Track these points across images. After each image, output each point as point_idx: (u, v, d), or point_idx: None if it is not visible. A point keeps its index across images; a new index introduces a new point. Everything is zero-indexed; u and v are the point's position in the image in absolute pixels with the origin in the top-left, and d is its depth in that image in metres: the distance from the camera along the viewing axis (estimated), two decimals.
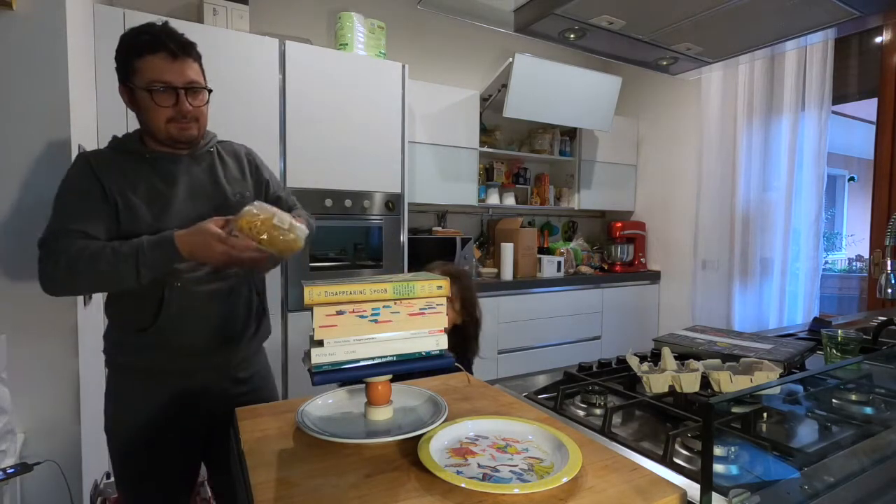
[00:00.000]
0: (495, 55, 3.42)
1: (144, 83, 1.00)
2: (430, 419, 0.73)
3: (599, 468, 0.63)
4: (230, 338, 1.16)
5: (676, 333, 1.27)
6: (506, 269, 3.06)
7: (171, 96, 1.01)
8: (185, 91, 1.03)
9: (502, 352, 2.92)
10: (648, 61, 1.53)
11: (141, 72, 1.00)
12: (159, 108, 1.01)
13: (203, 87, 1.07)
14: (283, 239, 0.99)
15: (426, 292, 0.72)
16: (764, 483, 0.65)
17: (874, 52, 2.53)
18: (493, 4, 1.27)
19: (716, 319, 3.07)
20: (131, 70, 1.01)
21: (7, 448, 1.16)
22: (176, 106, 1.02)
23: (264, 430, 0.75)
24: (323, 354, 0.68)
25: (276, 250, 1.00)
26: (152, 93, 1.00)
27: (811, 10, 1.21)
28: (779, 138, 2.80)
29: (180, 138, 1.06)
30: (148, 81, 1.00)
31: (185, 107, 1.03)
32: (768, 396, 0.86)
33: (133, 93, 1.03)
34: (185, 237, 0.96)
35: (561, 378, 1.07)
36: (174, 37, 1.02)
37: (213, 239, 0.95)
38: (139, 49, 1.00)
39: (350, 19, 2.46)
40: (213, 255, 0.96)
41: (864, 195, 3.02)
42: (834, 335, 1.14)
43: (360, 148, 2.39)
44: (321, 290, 0.68)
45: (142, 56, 1.00)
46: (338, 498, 0.56)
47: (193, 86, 1.04)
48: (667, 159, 3.55)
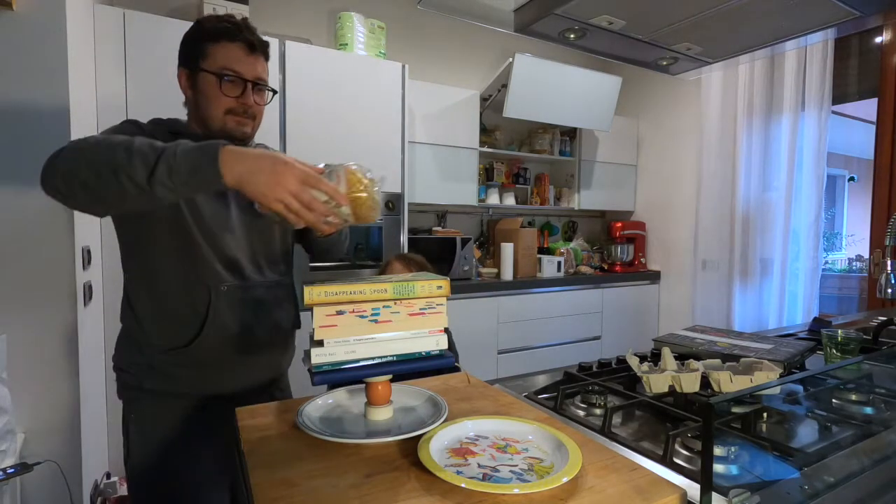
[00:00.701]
0: (495, 55, 3.42)
1: (216, 68, 0.97)
2: (430, 419, 0.73)
3: (599, 468, 0.63)
4: (275, 353, 1.08)
5: (676, 333, 1.27)
6: (506, 269, 3.06)
7: (238, 87, 0.99)
8: (252, 85, 1.00)
9: (502, 352, 2.92)
10: (648, 61, 1.54)
11: (213, 56, 0.97)
12: (223, 97, 0.97)
13: (269, 87, 1.05)
14: (371, 207, 0.84)
15: (426, 292, 0.72)
16: (764, 483, 0.65)
17: (874, 52, 2.53)
18: (493, 4, 1.27)
19: (716, 319, 3.07)
20: (202, 53, 0.97)
21: (7, 448, 1.16)
22: (240, 98, 0.99)
23: (264, 430, 0.75)
24: (323, 354, 0.68)
25: (356, 215, 0.83)
26: (221, 80, 0.97)
27: (811, 10, 1.21)
28: (779, 138, 2.80)
29: (234, 133, 1.00)
30: (219, 67, 0.97)
31: (249, 100, 1.00)
32: (768, 396, 0.86)
33: (196, 77, 0.98)
34: (240, 154, 0.74)
35: (561, 378, 1.07)
36: (253, 31, 1.01)
37: (294, 170, 0.75)
38: (217, 34, 0.97)
39: (350, 19, 2.46)
40: (277, 188, 0.73)
41: (864, 195, 3.02)
42: (834, 335, 1.14)
43: (360, 148, 2.39)
44: (321, 289, 0.68)
45: (218, 41, 0.97)
46: (338, 498, 0.56)
47: (261, 83, 1.02)
48: (667, 159, 3.55)
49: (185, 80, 1.01)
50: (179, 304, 0.97)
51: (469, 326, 2.78)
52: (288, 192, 0.74)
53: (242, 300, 1.01)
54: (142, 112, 1.92)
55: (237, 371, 1.04)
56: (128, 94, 1.88)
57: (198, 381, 1.00)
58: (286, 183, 0.74)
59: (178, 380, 0.99)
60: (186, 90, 1.01)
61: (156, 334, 0.98)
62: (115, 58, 1.85)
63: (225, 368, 1.02)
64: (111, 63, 1.85)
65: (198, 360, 0.98)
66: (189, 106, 1.03)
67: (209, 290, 0.97)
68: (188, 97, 1.02)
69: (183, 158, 0.73)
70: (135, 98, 1.89)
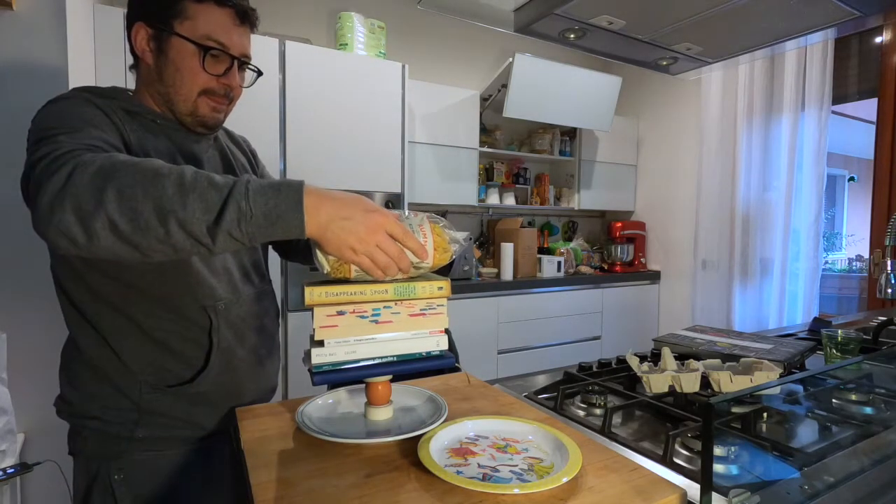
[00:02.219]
0: (495, 55, 3.42)
1: (197, 36, 0.77)
2: (430, 419, 0.73)
3: (599, 468, 0.63)
4: (274, 367, 0.97)
5: (676, 333, 1.27)
6: (506, 269, 3.06)
7: (223, 64, 0.81)
8: (238, 63, 0.83)
9: (502, 352, 2.92)
10: (648, 61, 1.54)
11: (195, 20, 0.77)
12: (202, 74, 0.79)
13: (255, 67, 0.87)
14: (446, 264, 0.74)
15: (427, 293, 0.71)
16: (764, 483, 0.65)
17: (874, 52, 2.53)
18: (493, 4, 1.27)
19: (716, 319, 3.07)
20: (180, 12, 0.77)
21: (7, 448, 1.16)
22: (222, 78, 0.81)
23: (264, 430, 0.75)
24: (323, 354, 0.68)
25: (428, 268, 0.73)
26: (205, 53, 0.78)
27: (811, 10, 1.21)
28: (779, 138, 2.80)
29: (206, 119, 0.83)
30: (202, 36, 0.77)
31: (235, 81, 0.83)
32: (768, 396, 0.86)
33: (165, 41, 0.78)
34: (325, 197, 0.61)
35: (561, 378, 1.07)
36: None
37: (387, 220, 0.63)
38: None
39: (350, 19, 2.46)
40: (369, 240, 0.61)
41: (864, 195, 3.02)
42: (834, 335, 1.14)
43: (361, 148, 2.39)
44: (321, 290, 0.67)
45: (203, 2, 0.77)
46: (338, 498, 0.56)
47: (248, 61, 0.85)
48: (667, 159, 3.55)
49: (146, 42, 0.79)
50: (173, 331, 0.80)
51: (469, 326, 2.78)
52: (377, 245, 0.62)
53: (240, 317, 0.87)
54: None
55: (245, 395, 0.90)
56: None
57: (203, 418, 0.84)
58: (378, 234, 0.62)
59: (176, 421, 0.82)
60: (145, 53, 0.79)
61: (144, 369, 0.80)
62: (115, 58, 1.85)
63: (232, 399, 0.87)
64: (111, 63, 1.85)
65: (203, 396, 0.83)
66: (144, 74, 0.81)
67: (207, 313, 0.81)
68: (146, 63, 0.80)
69: (258, 201, 0.57)
70: None
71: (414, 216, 0.72)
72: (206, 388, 0.83)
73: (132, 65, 0.84)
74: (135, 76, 0.84)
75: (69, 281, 0.79)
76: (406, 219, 0.70)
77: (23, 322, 1.31)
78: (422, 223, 0.70)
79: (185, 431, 0.83)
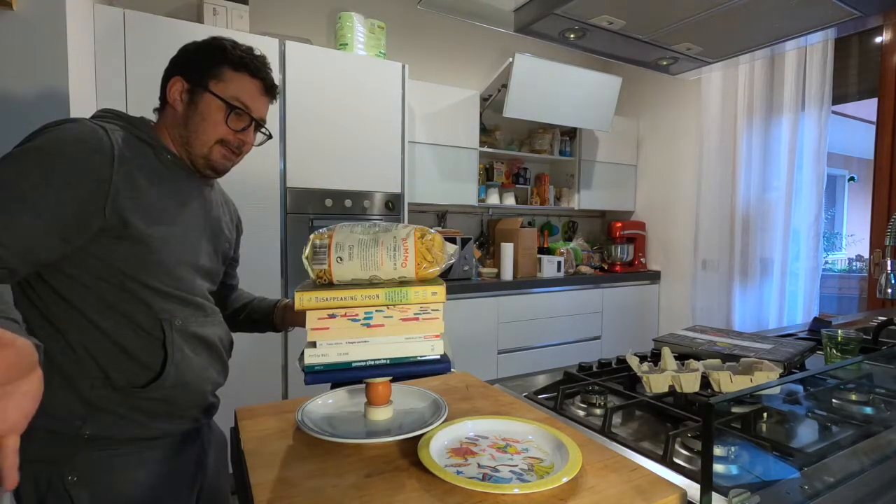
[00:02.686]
0: (495, 55, 3.42)
1: (227, 96, 0.90)
2: (430, 419, 0.73)
3: (599, 468, 0.63)
4: (224, 372, 0.99)
5: (676, 333, 1.27)
6: (506, 269, 3.06)
7: (243, 122, 0.93)
8: (254, 125, 0.96)
9: (502, 352, 2.92)
10: (648, 61, 1.54)
11: (228, 83, 0.91)
12: (222, 126, 0.91)
13: (268, 131, 1.00)
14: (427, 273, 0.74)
15: (420, 298, 0.70)
16: (764, 483, 0.65)
17: (874, 52, 2.53)
18: (493, 4, 1.27)
19: (716, 319, 3.07)
20: (217, 75, 0.90)
21: None
22: (240, 133, 0.93)
23: (264, 430, 0.75)
24: (316, 355, 0.68)
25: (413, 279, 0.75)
26: (230, 110, 0.90)
27: (811, 10, 1.21)
28: (779, 138, 2.80)
29: (217, 164, 0.93)
30: (231, 96, 0.90)
31: (249, 138, 0.96)
32: (768, 396, 0.86)
33: (198, 94, 0.90)
34: None
35: (561, 378, 1.07)
36: (271, 74, 0.97)
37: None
38: (241, 64, 0.92)
39: (350, 19, 2.46)
40: None
41: (864, 195, 3.02)
42: (834, 335, 1.14)
43: (360, 148, 2.39)
44: (311, 295, 0.67)
45: (239, 71, 0.92)
46: (338, 498, 0.56)
47: (263, 125, 0.98)
48: (667, 159, 3.55)
49: (180, 93, 0.91)
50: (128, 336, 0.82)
51: (469, 326, 2.78)
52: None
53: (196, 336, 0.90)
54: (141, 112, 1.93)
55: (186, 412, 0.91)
56: (128, 94, 1.88)
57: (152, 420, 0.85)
58: None
59: (125, 421, 0.82)
60: (177, 102, 0.91)
61: (99, 363, 0.80)
62: (115, 58, 1.85)
63: (177, 409, 0.88)
64: (111, 63, 1.85)
65: (152, 401, 0.84)
66: (168, 117, 0.93)
67: (162, 326, 0.84)
68: (176, 110, 0.92)
69: None
70: (135, 98, 1.89)
71: (403, 228, 0.73)
72: (157, 396, 0.84)
73: (157, 108, 0.96)
74: (157, 116, 0.96)
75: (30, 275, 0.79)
76: (393, 230, 0.72)
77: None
78: (406, 237, 0.72)
79: (134, 430, 0.83)
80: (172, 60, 0.95)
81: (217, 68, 0.91)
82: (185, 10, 2.42)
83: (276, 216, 2.19)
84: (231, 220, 1.09)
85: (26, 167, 0.73)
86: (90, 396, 0.80)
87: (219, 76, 0.90)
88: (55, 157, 0.74)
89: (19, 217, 0.70)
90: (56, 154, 0.74)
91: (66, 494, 0.79)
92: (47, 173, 0.73)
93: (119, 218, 0.78)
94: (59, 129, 0.78)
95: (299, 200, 2.25)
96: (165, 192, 0.87)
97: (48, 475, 0.79)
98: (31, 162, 0.73)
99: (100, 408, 0.80)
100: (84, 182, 0.75)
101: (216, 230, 0.99)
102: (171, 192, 0.88)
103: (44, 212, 0.72)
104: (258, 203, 2.14)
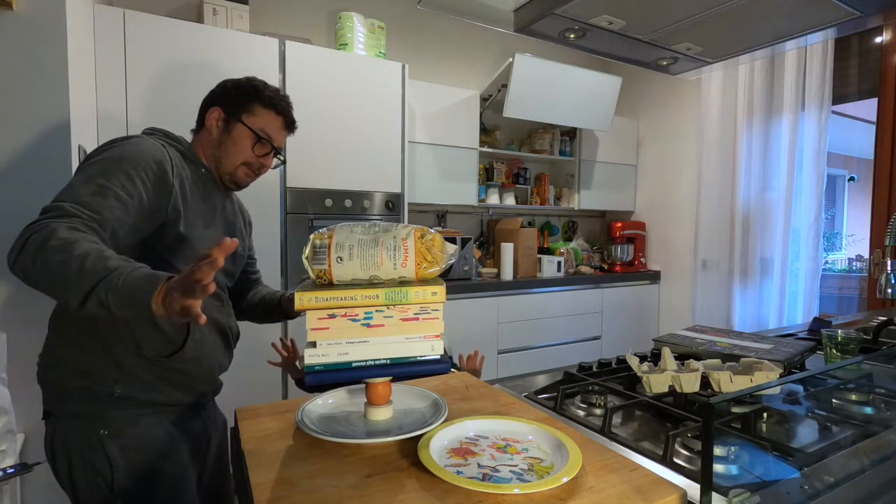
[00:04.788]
0: (495, 55, 3.42)
1: (256, 127, 1.09)
2: (430, 419, 0.73)
3: (599, 468, 0.63)
4: (230, 357, 1.15)
5: (676, 333, 1.27)
6: (506, 269, 3.06)
7: (265, 149, 1.11)
8: (274, 152, 1.14)
9: (502, 352, 2.92)
10: (648, 61, 1.54)
11: (258, 117, 1.09)
12: (249, 151, 1.09)
13: (284, 158, 1.22)
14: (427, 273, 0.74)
15: (420, 298, 0.71)
16: (764, 483, 0.65)
17: (874, 52, 2.53)
18: (493, 4, 1.27)
19: (716, 319, 3.07)
20: (250, 110, 1.09)
21: (7, 448, 1.16)
22: (262, 158, 1.11)
23: (264, 430, 0.75)
24: (315, 355, 0.68)
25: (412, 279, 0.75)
26: (257, 139, 1.09)
27: (811, 10, 1.21)
28: (779, 138, 2.80)
29: (240, 182, 1.13)
30: (259, 128, 1.09)
31: (269, 163, 1.14)
32: (768, 396, 0.86)
33: (232, 124, 1.08)
34: None
35: (561, 378, 1.07)
36: (292, 111, 1.16)
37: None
38: (271, 103, 1.10)
39: (350, 19, 2.46)
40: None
41: (864, 195, 3.02)
42: (834, 335, 1.14)
43: (361, 148, 2.39)
44: (311, 295, 0.67)
45: (268, 108, 1.10)
46: (338, 498, 0.56)
47: (280, 152, 1.17)
48: (667, 159, 3.55)
49: (217, 121, 1.09)
50: None
51: (469, 326, 2.78)
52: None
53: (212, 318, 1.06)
54: (141, 112, 1.94)
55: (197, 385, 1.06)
56: (128, 94, 1.88)
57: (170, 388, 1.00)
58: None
59: (150, 386, 0.97)
60: (214, 128, 1.09)
61: (137, 336, 0.94)
62: (115, 58, 1.85)
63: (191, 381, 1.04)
64: (111, 63, 1.85)
65: (172, 371, 0.99)
66: (205, 139, 1.10)
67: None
68: (212, 133, 1.09)
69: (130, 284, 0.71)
70: (135, 98, 1.89)
71: (403, 228, 0.74)
72: (176, 367, 0.98)
73: (194, 129, 1.13)
74: (193, 135, 1.13)
75: None
76: (393, 230, 0.73)
77: (23, 322, 1.31)
78: (406, 237, 0.72)
79: (155, 395, 0.98)
80: (213, 92, 1.12)
81: (250, 104, 1.09)
82: (185, 10, 2.41)
83: (276, 216, 2.19)
84: (245, 226, 1.27)
85: (113, 172, 0.88)
86: (124, 363, 0.94)
87: (251, 111, 1.09)
88: (137, 166, 0.91)
89: (112, 207, 0.85)
90: (137, 163, 0.91)
91: (100, 445, 0.93)
92: (132, 177, 0.89)
93: (175, 217, 0.96)
94: (131, 143, 0.94)
95: (299, 200, 2.25)
96: (203, 200, 1.05)
97: (83, 430, 0.94)
98: (117, 168, 0.89)
99: (130, 373, 0.95)
100: (158, 186, 0.93)
101: (233, 234, 1.15)
102: (206, 201, 1.07)
103: (130, 207, 0.87)
104: (258, 203, 2.13)
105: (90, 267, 0.71)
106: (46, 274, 0.73)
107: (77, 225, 0.78)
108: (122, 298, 0.70)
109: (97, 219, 0.82)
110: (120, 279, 0.71)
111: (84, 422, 0.94)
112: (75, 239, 0.74)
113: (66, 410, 0.96)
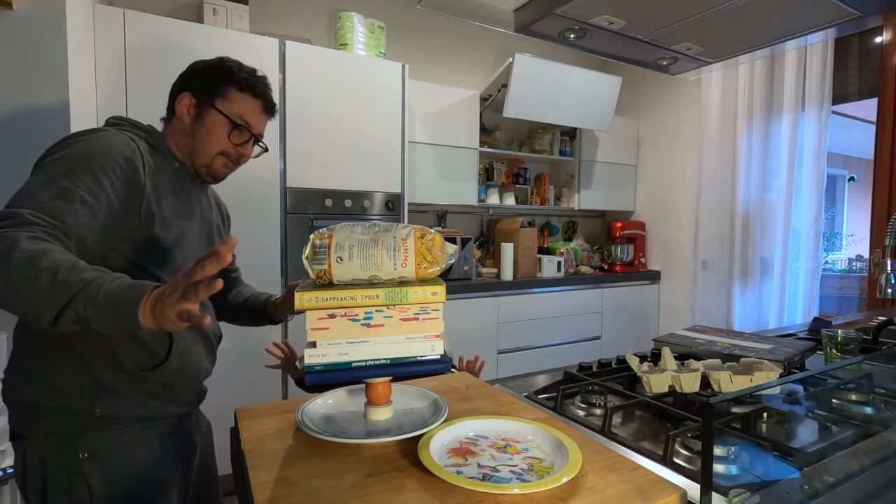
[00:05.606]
0: (495, 55, 3.42)
1: (231, 113, 0.98)
2: (430, 419, 0.73)
3: (599, 468, 0.63)
4: (213, 361, 1.07)
5: (676, 333, 1.27)
6: (506, 269, 3.06)
7: (243, 137, 1.01)
8: (253, 140, 1.04)
9: (502, 352, 2.92)
10: (648, 61, 1.54)
11: (232, 102, 0.99)
12: (224, 140, 0.99)
13: (265, 145, 1.07)
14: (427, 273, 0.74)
15: (420, 298, 0.70)
16: (764, 483, 0.65)
17: (874, 52, 2.53)
18: (493, 4, 1.27)
19: (716, 319, 3.07)
20: (222, 94, 0.98)
21: (7, 448, 1.16)
22: (240, 146, 1.01)
23: (264, 430, 0.75)
24: (315, 355, 0.68)
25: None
26: (233, 125, 0.98)
27: (811, 10, 1.21)
28: (779, 138, 2.80)
29: (217, 173, 1.02)
30: (235, 114, 0.99)
31: (248, 151, 1.04)
32: (768, 396, 0.86)
33: (205, 110, 0.98)
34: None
35: (561, 378, 1.07)
36: (271, 94, 1.06)
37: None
38: (245, 85, 1.00)
39: (350, 19, 2.46)
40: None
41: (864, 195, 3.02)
42: (834, 335, 1.14)
43: (361, 148, 2.39)
44: (311, 295, 0.67)
45: (243, 92, 1.00)
46: (338, 498, 0.56)
47: (261, 139, 1.06)
48: (667, 159, 3.55)
49: (188, 108, 0.98)
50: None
51: (469, 326, 2.78)
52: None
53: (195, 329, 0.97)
54: (141, 112, 1.93)
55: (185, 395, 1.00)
56: (128, 94, 1.88)
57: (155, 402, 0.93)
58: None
59: (131, 402, 0.89)
60: (185, 116, 0.98)
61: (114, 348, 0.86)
62: (115, 58, 1.85)
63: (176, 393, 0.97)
64: (111, 63, 1.85)
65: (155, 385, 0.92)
66: (177, 128, 0.99)
67: None
68: (183, 122, 0.98)
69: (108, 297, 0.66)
70: (135, 98, 1.89)
71: (403, 228, 0.73)
72: (160, 380, 0.92)
73: (164, 117, 1.02)
74: (164, 124, 1.02)
75: None
76: (393, 230, 0.73)
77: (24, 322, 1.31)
78: (406, 237, 0.72)
79: (139, 411, 0.90)
80: (182, 76, 1.01)
81: (223, 87, 0.98)
82: (185, 10, 2.42)
83: (276, 216, 2.19)
84: (222, 221, 1.18)
85: (76, 172, 0.78)
86: (102, 378, 0.86)
87: (224, 95, 0.98)
88: (104, 164, 0.81)
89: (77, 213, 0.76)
90: (104, 161, 0.82)
91: (78, 470, 0.85)
92: (98, 178, 0.80)
93: (149, 219, 0.88)
94: (98, 137, 0.85)
95: (299, 200, 2.25)
96: (178, 197, 0.96)
97: (60, 453, 0.85)
98: (81, 168, 0.79)
99: (110, 389, 0.87)
100: (128, 187, 0.84)
101: (210, 231, 1.07)
102: (181, 198, 0.97)
103: (97, 212, 0.79)
104: (258, 203, 2.14)
105: (63, 279, 0.65)
106: (13, 290, 0.65)
107: (38, 234, 0.70)
108: (103, 311, 0.65)
109: (60, 227, 0.74)
110: (99, 291, 0.65)
111: (62, 443, 0.85)
112: (43, 250, 0.67)
113: (39, 432, 0.86)
